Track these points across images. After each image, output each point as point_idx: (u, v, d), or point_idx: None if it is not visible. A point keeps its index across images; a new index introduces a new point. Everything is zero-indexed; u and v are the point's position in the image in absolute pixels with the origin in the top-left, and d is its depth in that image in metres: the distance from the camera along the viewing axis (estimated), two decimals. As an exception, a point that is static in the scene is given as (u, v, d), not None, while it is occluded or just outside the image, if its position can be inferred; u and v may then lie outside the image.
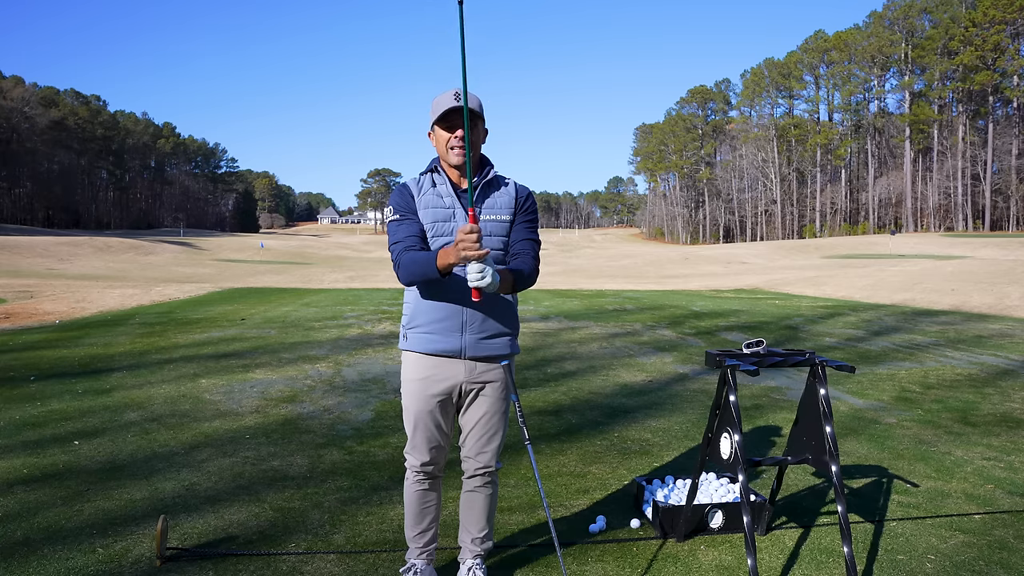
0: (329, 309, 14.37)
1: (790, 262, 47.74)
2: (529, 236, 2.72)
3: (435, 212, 2.65)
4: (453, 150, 2.61)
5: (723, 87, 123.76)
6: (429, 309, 2.66)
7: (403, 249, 2.60)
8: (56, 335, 10.20)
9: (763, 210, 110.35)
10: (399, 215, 2.66)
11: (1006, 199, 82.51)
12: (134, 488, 3.96)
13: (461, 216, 2.63)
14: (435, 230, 2.64)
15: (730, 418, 3.00)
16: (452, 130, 2.60)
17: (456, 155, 2.61)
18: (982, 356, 8.80)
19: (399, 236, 2.63)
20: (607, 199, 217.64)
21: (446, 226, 2.64)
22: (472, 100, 2.58)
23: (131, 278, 31.56)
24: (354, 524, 3.50)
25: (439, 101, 2.61)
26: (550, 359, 8.43)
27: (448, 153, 2.62)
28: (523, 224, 2.72)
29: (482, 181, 2.67)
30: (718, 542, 3.33)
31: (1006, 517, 3.65)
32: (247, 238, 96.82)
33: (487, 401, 2.74)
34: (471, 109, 2.56)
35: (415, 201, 2.67)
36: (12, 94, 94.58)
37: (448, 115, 2.59)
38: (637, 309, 14.77)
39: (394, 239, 2.65)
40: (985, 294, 16.68)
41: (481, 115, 2.64)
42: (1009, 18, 77.84)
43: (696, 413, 5.86)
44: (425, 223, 2.65)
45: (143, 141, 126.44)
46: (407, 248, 2.60)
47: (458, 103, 2.54)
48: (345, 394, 6.47)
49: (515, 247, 2.70)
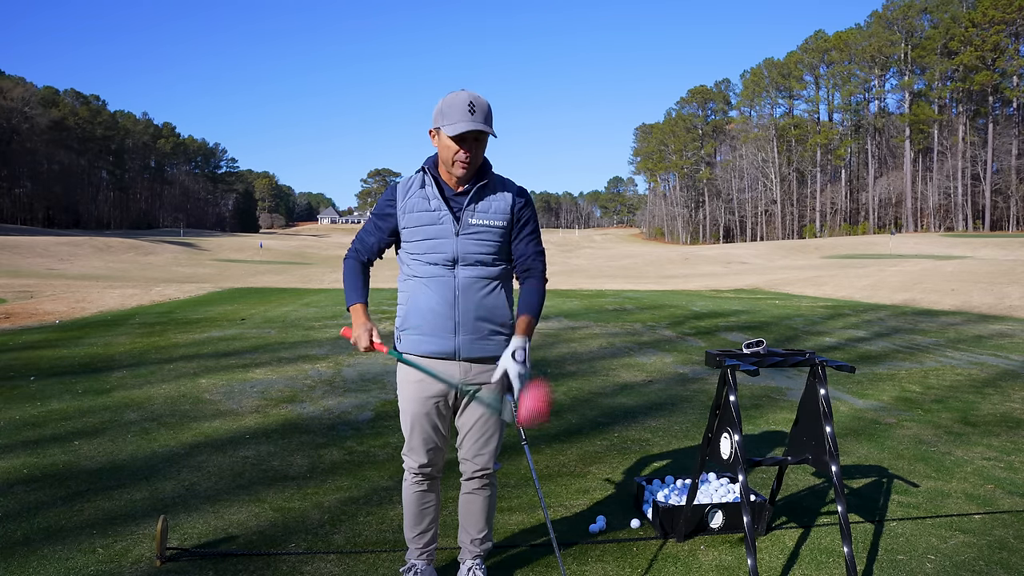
0: (329, 309, 14.36)
1: (790, 262, 47.73)
2: (536, 249, 2.73)
3: (420, 216, 2.62)
4: (459, 164, 2.56)
5: (723, 87, 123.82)
6: (421, 311, 2.64)
7: (353, 253, 2.82)
8: (56, 335, 10.20)
9: (763, 210, 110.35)
10: (373, 216, 2.78)
11: (1006, 199, 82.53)
12: (134, 488, 3.96)
13: (449, 220, 2.60)
14: (423, 233, 2.62)
15: (730, 418, 3.00)
16: (461, 143, 2.52)
17: (461, 169, 2.57)
18: (982, 356, 8.80)
19: (360, 237, 2.82)
20: (607, 199, 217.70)
21: (433, 229, 2.61)
22: (483, 112, 2.50)
23: (131, 278, 31.56)
24: (354, 524, 3.50)
25: (451, 108, 2.50)
26: (550, 359, 8.43)
27: (453, 164, 2.57)
28: (528, 237, 2.71)
29: (476, 186, 2.62)
30: (718, 542, 3.33)
31: (1006, 517, 3.65)
32: (247, 238, 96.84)
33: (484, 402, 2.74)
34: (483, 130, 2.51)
35: (395, 207, 2.68)
36: (12, 94, 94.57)
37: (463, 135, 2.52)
38: (637, 309, 14.77)
39: (357, 236, 2.84)
40: (985, 294, 16.68)
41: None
42: (1009, 18, 77.86)
43: (696, 413, 5.86)
44: (410, 226, 2.64)
45: (143, 141, 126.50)
46: (356, 253, 2.81)
47: (474, 123, 2.47)
48: (345, 394, 6.47)
49: (524, 262, 2.70)
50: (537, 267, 2.72)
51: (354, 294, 2.76)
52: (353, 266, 2.80)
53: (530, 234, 2.71)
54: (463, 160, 2.54)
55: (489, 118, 2.53)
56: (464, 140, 2.52)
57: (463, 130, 2.47)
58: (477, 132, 2.50)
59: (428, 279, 2.63)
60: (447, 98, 2.53)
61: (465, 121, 2.47)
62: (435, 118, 2.56)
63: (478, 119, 2.48)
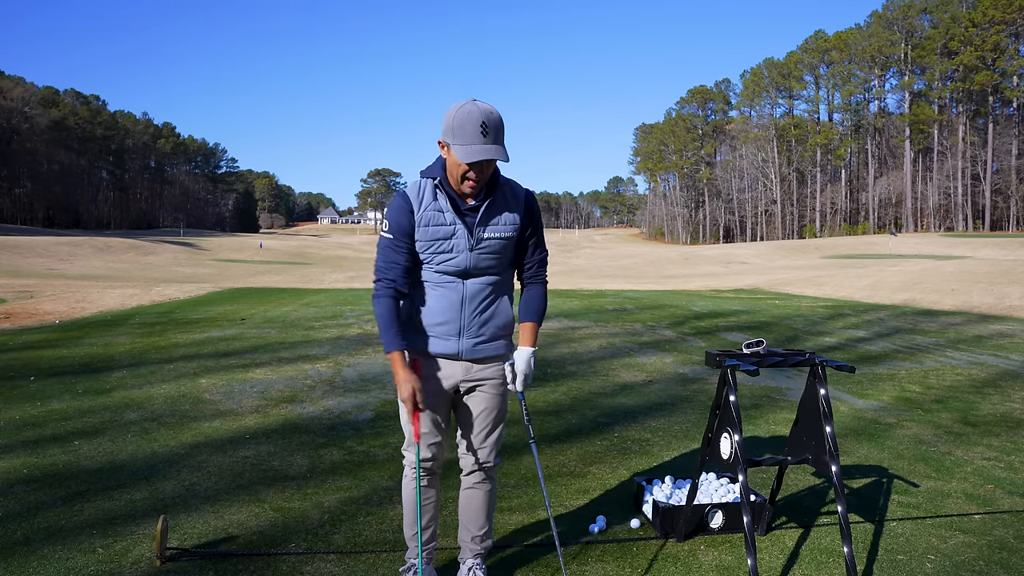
0: (329, 309, 14.36)
1: (790, 262, 47.74)
2: (541, 256, 2.76)
3: (435, 230, 2.57)
4: (466, 184, 2.51)
5: (723, 87, 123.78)
6: (427, 313, 2.66)
7: (384, 288, 2.58)
8: (56, 335, 10.20)
9: (763, 210, 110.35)
10: (392, 235, 2.59)
11: (1006, 199, 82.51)
12: (134, 488, 3.96)
13: (462, 234, 2.56)
14: (436, 247, 2.58)
15: (730, 418, 3.00)
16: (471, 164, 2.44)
17: (468, 188, 2.52)
18: (982, 356, 8.80)
19: (383, 261, 2.60)
20: (607, 199, 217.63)
21: (447, 244, 2.57)
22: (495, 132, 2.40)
23: (131, 278, 31.57)
24: (354, 524, 3.50)
25: (462, 127, 2.39)
26: (550, 359, 8.43)
27: (461, 184, 2.51)
28: (534, 244, 2.73)
29: (487, 200, 2.58)
30: (718, 542, 3.33)
31: (1006, 517, 3.65)
32: (247, 238, 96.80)
33: (485, 398, 2.74)
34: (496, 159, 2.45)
35: (413, 217, 2.57)
36: (12, 94, 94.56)
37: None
38: (637, 309, 14.77)
39: (380, 260, 2.61)
40: (985, 294, 16.68)
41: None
42: (1009, 18, 77.85)
43: (696, 413, 5.86)
44: (424, 239, 2.58)
45: (143, 141, 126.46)
46: (386, 289, 2.58)
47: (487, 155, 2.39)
48: (345, 394, 6.47)
49: (529, 269, 2.75)
50: (541, 275, 2.78)
51: (393, 339, 2.54)
52: (388, 305, 2.57)
53: (536, 241, 2.74)
54: (472, 181, 2.50)
55: (501, 137, 2.44)
56: (475, 164, 2.45)
57: (477, 158, 2.39)
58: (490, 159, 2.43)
59: (436, 284, 2.64)
60: (459, 113, 2.41)
61: (478, 145, 2.39)
62: (445, 132, 2.47)
63: (489, 142, 2.40)
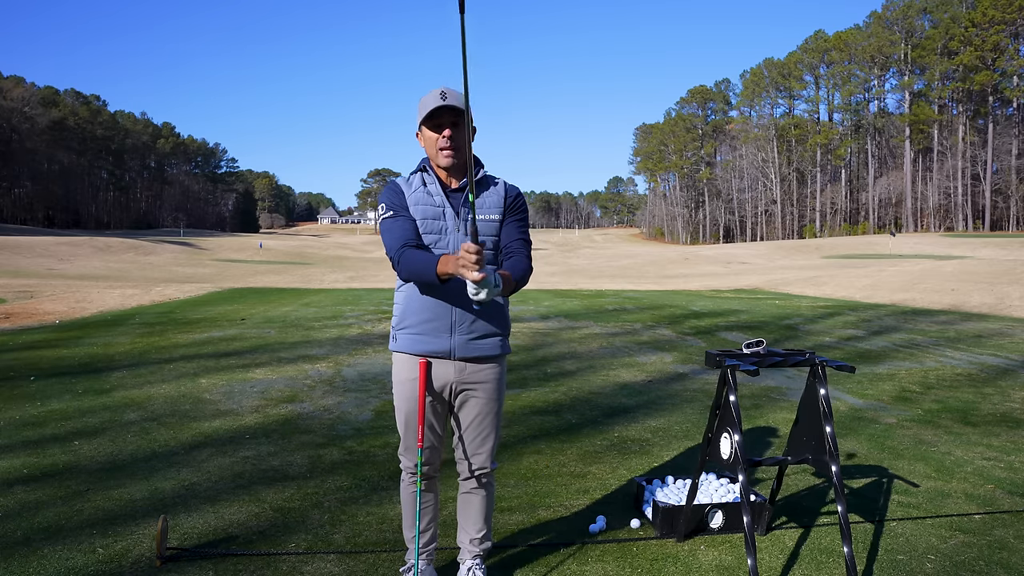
0: (329, 309, 14.36)
1: (790, 262, 47.74)
2: (521, 236, 2.71)
3: (424, 210, 2.63)
4: (443, 152, 2.59)
5: (723, 87, 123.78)
6: (418, 310, 2.65)
7: (402, 246, 2.56)
8: (56, 335, 10.20)
9: (763, 210, 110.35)
10: (392, 211, 2.63)
11: (1006, 199, 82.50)
12: (134, 488, 3.96)
13: (451, 216, 2.62)
14: (425, 227, 2.62)
15: (730, 418, 3.00)
16: (439, 130, 2.58)
17: (445, 157, 2.59)
18: (982, 356, 8.80)
19: (397, 233, 2.60)
20: (607, 199, 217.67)
21: (436, 224, 2.62)
22: (455, 96, 2.54)
23: (131, 278, 31.57)
24: (354, 524, 3.50)
25: (425, 100, 2.58)
26: (550, 359, 8.43)
27: (438, 155, 2.60)
28: (514, 223, 2.70)
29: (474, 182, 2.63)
30: (718, 542, 3.33)
31: (1006, 517, 3.65)
32: (247, 238, 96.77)
33: (479, 402, 2.73)
34: (454, 107, 2.53)
35: (405, 198, 2.65)
36: (12, 94, 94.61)
37: (434, 114, 2.56)
38: (637, 309, 14.77)
39: (392, 236, 2.61)
40: (985, 294, 16.68)
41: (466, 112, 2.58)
42: (1009, 18, 77.85)
43: (696, 413, 5.86)
44: (415, 219, 2.64)
45: (143, 141, 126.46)
46: (406, 245, 2.56)
47: (444, 102, 2.52)
48: (345, 394, 6.47)
49: (508, 247, 2.68)
50: (524, 251, 2.69)
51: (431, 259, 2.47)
52: (413, 251, 2.55)
53: (519, 222, 2.72)
54: (446, 145, 2.57)
55: (461, 101, 2.52)
56: (441, 125, 2.57)
57: (432, 106, 2.53)
58: (451, 114, 2.54)
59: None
60: (423, 97, 2.61)
61: (436, 103, 2.53)
62: (418, 120, 2.63)
63: (450, 100, 2.53)
